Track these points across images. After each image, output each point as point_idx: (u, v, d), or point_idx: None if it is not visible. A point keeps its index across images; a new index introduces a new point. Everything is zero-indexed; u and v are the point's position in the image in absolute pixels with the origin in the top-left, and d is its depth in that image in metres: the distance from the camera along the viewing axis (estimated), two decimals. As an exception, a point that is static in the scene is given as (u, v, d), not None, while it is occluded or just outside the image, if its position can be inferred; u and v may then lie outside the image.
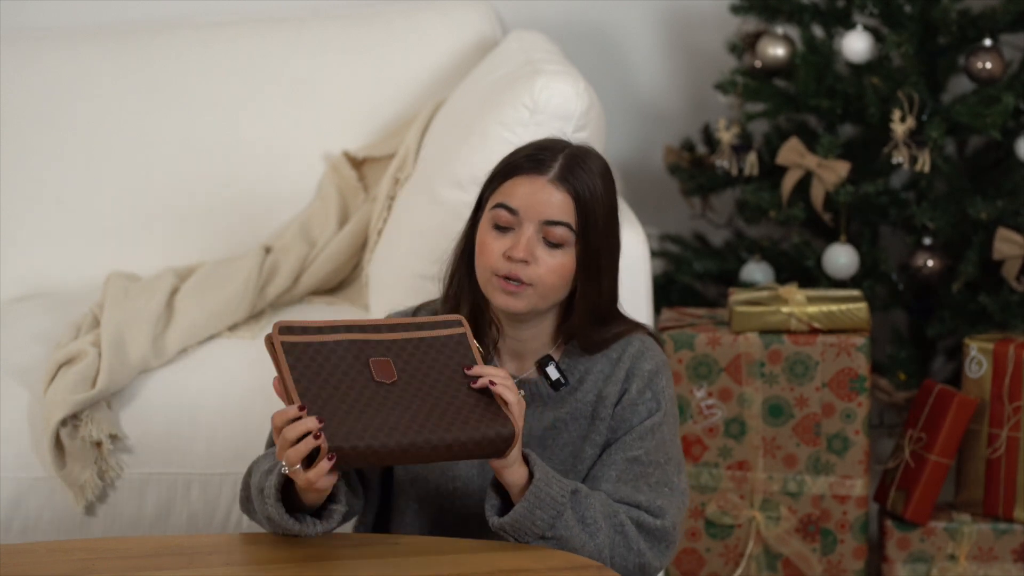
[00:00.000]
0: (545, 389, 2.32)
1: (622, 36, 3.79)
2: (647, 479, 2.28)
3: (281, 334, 2.08)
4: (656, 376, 2.32)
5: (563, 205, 2.24)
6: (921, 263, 3.32)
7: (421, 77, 3.40)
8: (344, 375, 2.08)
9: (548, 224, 2.24)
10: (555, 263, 2.25)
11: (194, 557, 2.14)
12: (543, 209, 2.24)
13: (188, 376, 2.90)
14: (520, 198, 2.25)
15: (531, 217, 2.24)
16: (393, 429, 2.06)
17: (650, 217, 3.56)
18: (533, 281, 2.24)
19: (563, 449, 2.31)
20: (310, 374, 2.07)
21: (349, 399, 2.07)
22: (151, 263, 3.27)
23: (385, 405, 2.08)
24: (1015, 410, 3.10)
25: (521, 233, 2.24)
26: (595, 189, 2.26)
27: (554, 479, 2.19)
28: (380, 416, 2.07)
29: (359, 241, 3.24)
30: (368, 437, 2.04)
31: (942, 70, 3.40)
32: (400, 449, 2.06)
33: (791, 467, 3.09)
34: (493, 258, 2.25)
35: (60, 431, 2.78)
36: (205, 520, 2.86)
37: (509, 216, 2.25)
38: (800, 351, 3.06)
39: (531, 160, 2.27)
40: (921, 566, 3.16)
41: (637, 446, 2.29)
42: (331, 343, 2.10)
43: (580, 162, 2.27)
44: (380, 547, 2.16)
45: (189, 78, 3.40)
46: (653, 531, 2.26)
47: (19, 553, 2.17)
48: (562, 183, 2.25)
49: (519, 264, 2.23)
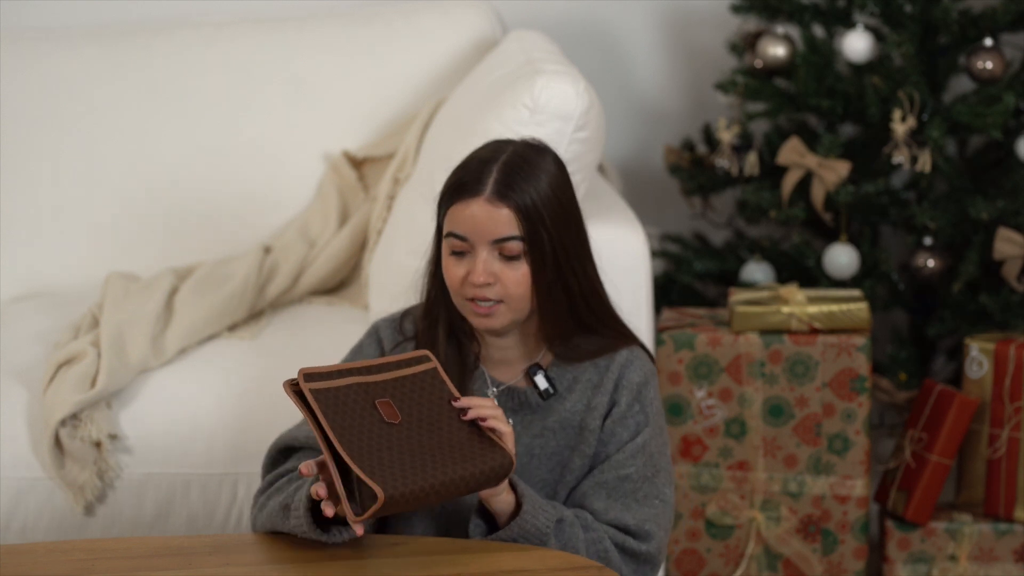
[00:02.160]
0: (533, 398, 2.32)
1: (622, 36, 3.79)
2: (636, 495, 2.29)
3: (307, 381, 2.08)
4: (645, 387, 2.32)
5: (507, 219, 2.22)
6: (921, 263, 3.32)
7: (421, 77, 3.40)
8: (362, 419, 2.08)
9: (498, 242, 2.23)
10: (518, 275, 2.24)
11: (193, 557, 2.14)
12: (490, 228, 2.23)
13: (188, 376, 2.90)
14: (464, 223, 2.24)
15: (480, 240, 2.23)
16: (423, 468, 2.06)
17: (650, 217, 3.56)
18: (502, 297, 2.24)
19: (550, 459, 2.31)
20: (340, 419, 2.06)
21: (376, 443, 2.07)
22: (151, 263, 3.27)
23: (404, 445, 2.08)
24: (1016, 410, 3.10)
25: (476, 257, 2.24)
26: (537, 193, 2.23)
27: (541, 509, 2.19)
28: (406, 457, 2.07)
29: (359, 241, 3.24)
30: (409, 480, 2.04)
31: (942, 70, 3.40)
32: (433, 490, 2.06)
33: (791, 467, 3.09)
34: (457, 283, 2.26)
35: (60, 431, 2.77)
36: (205, 520, 2.85)
37: (460, 243, 2.24)
38: (800, 351, 3.05)
39: (466, 181, 2.25)
40: (922, 566, 3.16)
41: (628, 464, 2.29)
42: (344, 387, 2.10)
43: (515, 169, 2.24)
44: (380, 547, 2.16)
45: (189, 78, 3.40)
46: (638, 555, 2.28)
47: (19, 553, 2.16)
48: (500, 198, 2.22)
49: (483, 287, 2.23)
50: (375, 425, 2.08)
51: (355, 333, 2.69)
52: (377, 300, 3.00)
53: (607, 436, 2.30)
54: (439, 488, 2.06)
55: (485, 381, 2.33)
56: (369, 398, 2.10)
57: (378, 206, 3.20)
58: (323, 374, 2.09)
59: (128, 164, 3.35)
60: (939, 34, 3.36)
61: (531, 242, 2.23)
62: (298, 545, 2.16)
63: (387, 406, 2.11)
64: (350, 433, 2.05)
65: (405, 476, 2.04)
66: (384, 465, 2.04)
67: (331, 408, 2.07)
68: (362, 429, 2.07)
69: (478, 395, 2.32)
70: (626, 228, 2.90)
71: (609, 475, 2.29)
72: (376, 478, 2.01)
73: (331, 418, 2.06)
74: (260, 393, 2.81)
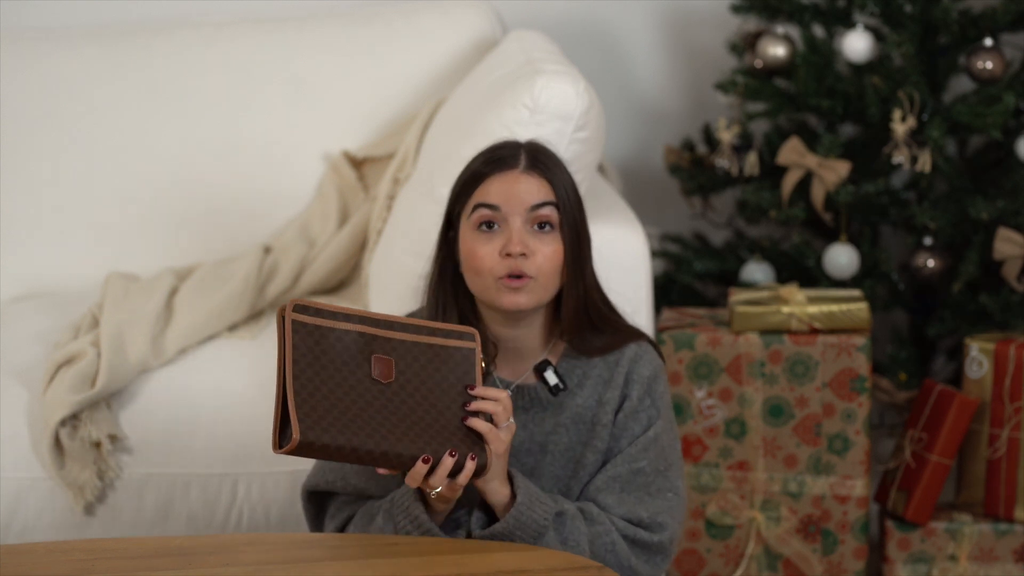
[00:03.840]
0: (544, 394, 2.32)
1: (622, 36, 3.79)
2: (648, 488, 2.29)
3: (294, 312, 2.08)
4: (655, 381, 2.33)
5: (542, 188, 2.25)
6: (921, 263, 3.32)
7: (421, 77, 3.40)
8: (343, 365, 2.08)
9: (534, 208, 2.24)
10: (550, 251, 2.25)
11: (193, 557, 2.14)
12: (525, 197, 2.24)
13: (188, 376, 2.90)
14: (498, 193, 2.25)
15: (514, 209, 2.24)
16: (371, 431, 2.07)
17: (650, 217, 3.56)
18: (534, 274, 2.24)
19: (563, 455, 2.31)
20: (310, 357, 2.07)
21: (339, 391, 2.07)
22: (151, 263, 3.27)
23: (372, 405, 2.08)
24: (1016, 410, 3.10)
25: (510, 228, 2.24)
26: (564, 175, 2.29)
27: (538, 502, 2.19)
28: (363, 415, 2.07)
29: (359, 241, 3.24)
30: (337, 434, 2.05)
31: (942, 70, 3.40)
32: (367, 452, 2.07)
33: (791, 467, 3.09)
34: (489, 261, 2.24)
35: (59, 431, 2.78)
36: (205, 520, 2.85)
37: (492, 213, 2.25)
38: (800, 351, 3.05)
39: (494, 160, 2.28)
40: (922, 566, 3.16)
41: (641, 457, 2.30)
42: (340, 330, 2.10)
43: (542, 150, 2.30)
44: (380, 547, 2.16)
45: (189, 78, 3.40)
46: (651, 546, 2.28)
47: (18, 553, 2.16)
48: (534, 169, 2.26)
49: (519, 259, 2.23)
50: (352, 375, 2.08)
51: (355, 333, 2.69)
52: (377, 300, 3.00)
53: (619, 430, 2.31)
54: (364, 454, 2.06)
55: (494, 382, 2.33)
56: (367, 350, 2.10)
57: (378, 206, 3.20)
58: (319, 311, 2.10)
59: (128, 164, 3.35)
60: (939, 34, 3.35)
61: (564, 216, 2.25)
62: (298, 546, 2.16)
63: (385, 363, 2.11)
64: (312, 371, 2.06)
65: (335, 429, 2.04)
66: (322, 411, 2.04)
67: (306, 343, 2.07)
68: (329, 373, 2.07)
69: None
70: (626, 228, 2.90)
71: (622, 468, 2.29)
72: (302, 421, 2.02)
73: (300, 351, 2.06)
74: (260, 393, 2.81)
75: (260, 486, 2.85)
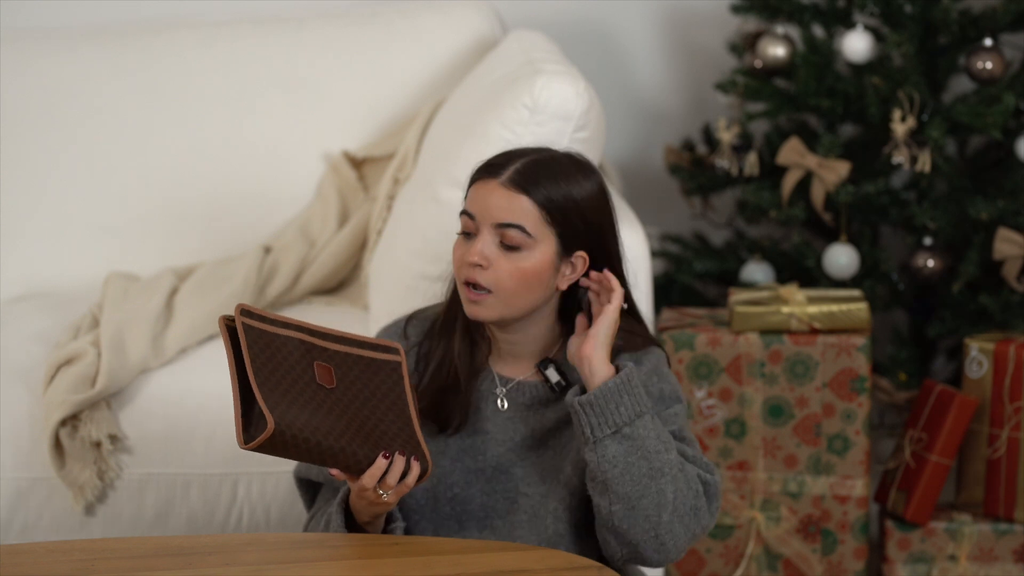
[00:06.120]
0: (545, 391, 2.32)
1: (622, 36, 3.79)
2: (686, 443, 2.27)
3: (243, 316, 2.09)
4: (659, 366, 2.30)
5: (515, 207, 2.22)
6: (921, 263, 3.32)
7: (421, 77, 3.40)
8: (291, 368, 2.10)
9: (499, 227, 2.23)
10: (511, 267, 2.22)
11: (193, 557, 2.14)
12: (494, 212, 2.23)
13: (188, 376, 2.90)
14: (474, 202, 2.25)
15: (485, 220, 2.23)
16: (328, 431, 2.09)
17: (650, 217, 3.56)
18: (491, 287, 2.23)
19: (565, 452, 2.31)
20: (263, 358, 2.08)
21: (294, 391, 2.08)
22: (151, 263, 3.27)
23: (322, 407, 2.10)
24: (1016, 410, 3.10)
25: (479, 238, 2.24)
26: (564, 193, 2.23)
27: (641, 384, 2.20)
28: (317, 415, 2.09)
29: (359, 241, 3.24)
30: (307, 430, 2.07)
31: (942, 70, 3.40)
32: (329, 451, 2.09)
33: (791, 467, 3.09)
34: (457, 264, 2.26)
35: (60, 431, 2.78)
36: (204, 520, 2.85)
37: (469, 221, 2.25)
38: (800, 351, 3.05)
39: (486, 167, 2.27)
40: (921, 566, 3.16)
41: (672, 422, 2.27)
42: (284, 337, 2.11)
43: (542, 167, 2.24)
44: (380, 547, 2.16)
45: (189, 78, 3.40)
46: (707, 482, 2.25)
47: (18, 553, 2.16)
48: (514, 186, 2.22)
49: (476, 268, 2.23)
50: (300, 378, 2.10)
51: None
52: (377, 300, 3.00)
53: None
54: (325, 450, 2.09)
55: (493, 380, 2.33)
56: (309, 357, 2.11)
57: (378, 206, 3.20)
58: (263, 317, 2.11)
59: (128, 164, 3.35)
60: (939, 34, 3.36)
61: (562, 228, 2.23)
62: (298, 546, 2.16)
63: (325, 370, 2.12)
64: (267, 371, 2.07)
65: (299, 423, 2.06)
66: (286, 405, 2.06)
67: (258, 347, 2.08)
68: (283, 375, 2.09)
69: (486, 393, 2.32)
70: (626, 228, 2.89)
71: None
72: (274, 411, 2.04)
73: (254, 352, 2.07)
74: (260, 393, 2.81)
75: (260, 486, 2.86)
